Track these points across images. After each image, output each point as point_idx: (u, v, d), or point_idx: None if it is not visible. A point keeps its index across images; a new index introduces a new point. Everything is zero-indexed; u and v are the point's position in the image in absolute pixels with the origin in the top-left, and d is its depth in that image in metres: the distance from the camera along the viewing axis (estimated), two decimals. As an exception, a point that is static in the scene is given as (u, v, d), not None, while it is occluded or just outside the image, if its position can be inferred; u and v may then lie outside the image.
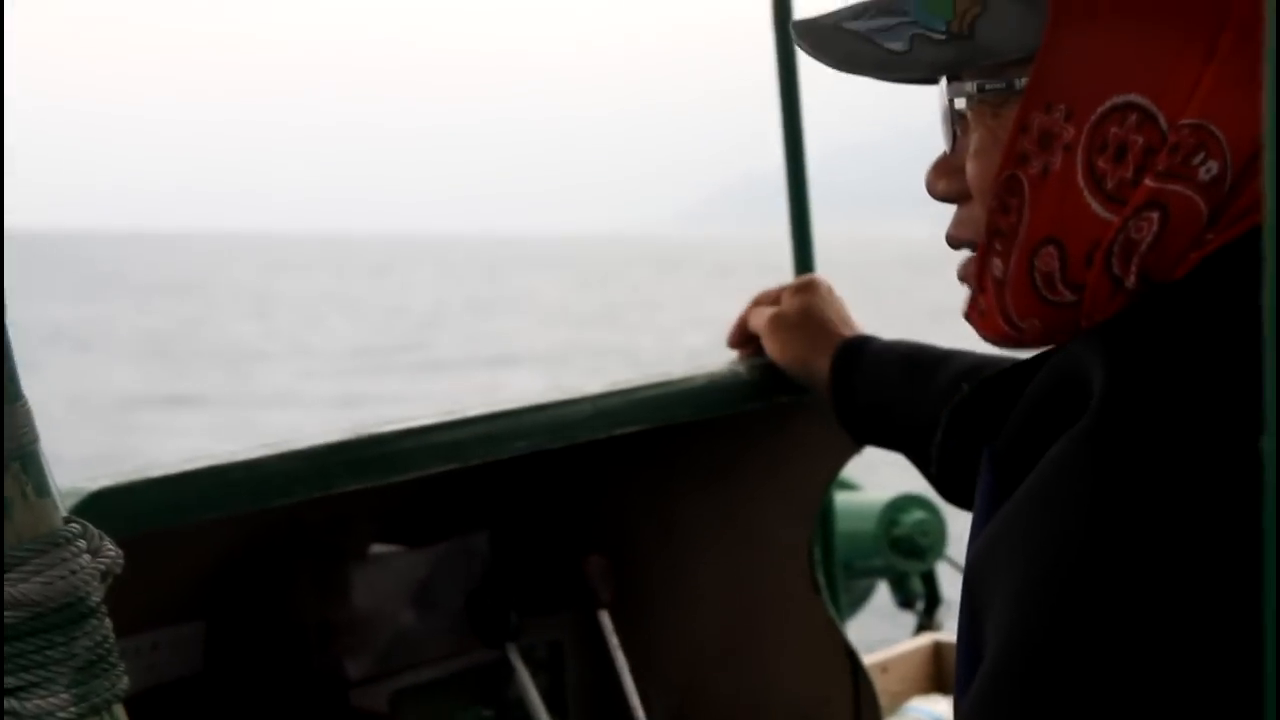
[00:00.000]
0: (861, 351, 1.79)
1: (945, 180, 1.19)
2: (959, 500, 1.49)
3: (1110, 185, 1.07)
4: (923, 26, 1.13)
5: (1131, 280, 1.06)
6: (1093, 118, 1.07)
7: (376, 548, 1.90)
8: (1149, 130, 1.06)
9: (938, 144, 1.21)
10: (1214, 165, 1.05)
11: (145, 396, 22.31)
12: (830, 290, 1.90)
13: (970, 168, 1.15)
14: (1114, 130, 1.06)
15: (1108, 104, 1.07)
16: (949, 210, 1.20)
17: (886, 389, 1.76)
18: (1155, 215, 1.05)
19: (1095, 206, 1.07)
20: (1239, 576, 0.91)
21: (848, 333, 1.83)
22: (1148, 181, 1.05)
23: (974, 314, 1.15)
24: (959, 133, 1.18)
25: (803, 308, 1.87)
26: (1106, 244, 1.07)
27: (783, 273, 2.08)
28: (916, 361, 1.75)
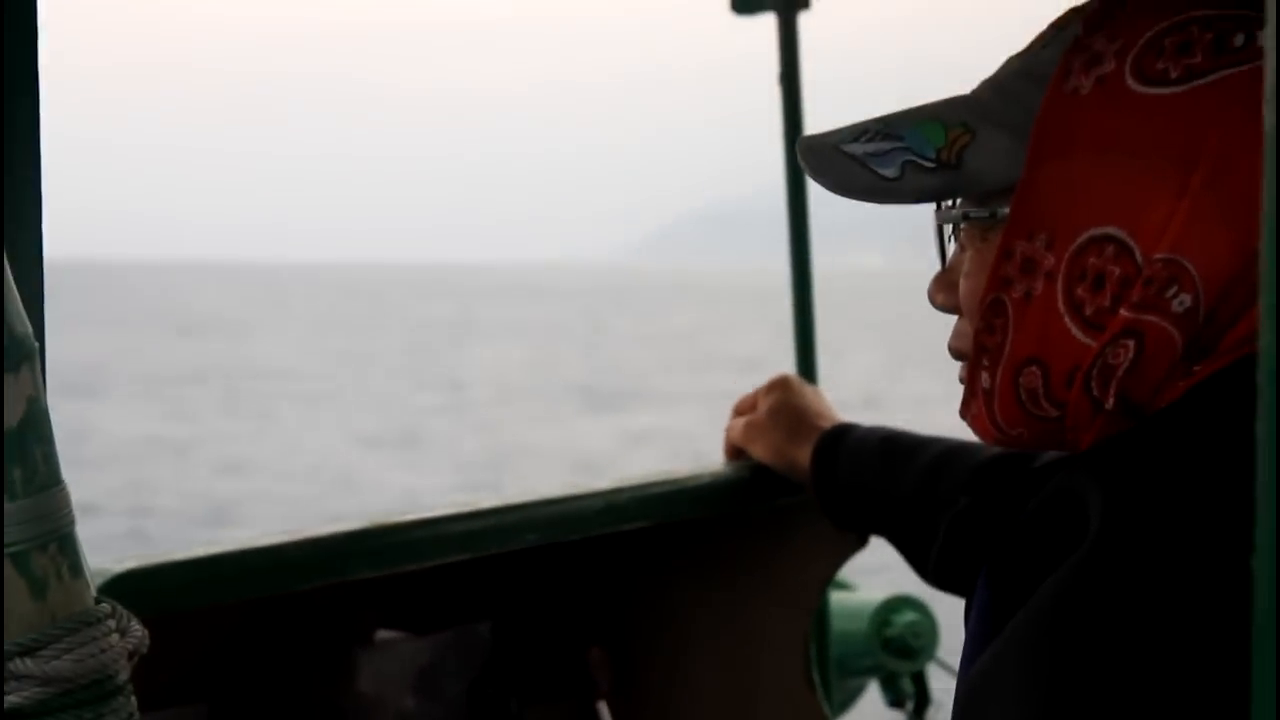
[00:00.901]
0: (841, 440, 1.83)
1: (943, 294, 1.24)
2: (953, 589, 1.52)
3: (1089, 312, 1.10)
4: (914, 153, 1.17)
5: (1110, 402, 1.10)
6: (1072, 248, 1.11)
7: (382, 634, 1.92)
8: (1125, 262, 1.09)
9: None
10: (1186, 298, 1.08)
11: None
12: (802, 384, 1.94)
13: (963, 286, 1.20)
14: (1093, 260, 1.10)
15: (1086, 235, 1.10)
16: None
17: (866, 475, 1.79)
18: (1131, 343, 1.09)
19: (1075, 331, 1.11)
20: (1238, 711, 0.92)
21: (825, 424, 1.86)
22: (1123, 311, 1.09)
23: (967, 416, 1.19)
24: (956, 249, 1.22)
25: (774, 407, 1.90)
26: (1086, 367, 1.10)
27: (750, 295, 2.08)
28: (895, 446, 1.78)
